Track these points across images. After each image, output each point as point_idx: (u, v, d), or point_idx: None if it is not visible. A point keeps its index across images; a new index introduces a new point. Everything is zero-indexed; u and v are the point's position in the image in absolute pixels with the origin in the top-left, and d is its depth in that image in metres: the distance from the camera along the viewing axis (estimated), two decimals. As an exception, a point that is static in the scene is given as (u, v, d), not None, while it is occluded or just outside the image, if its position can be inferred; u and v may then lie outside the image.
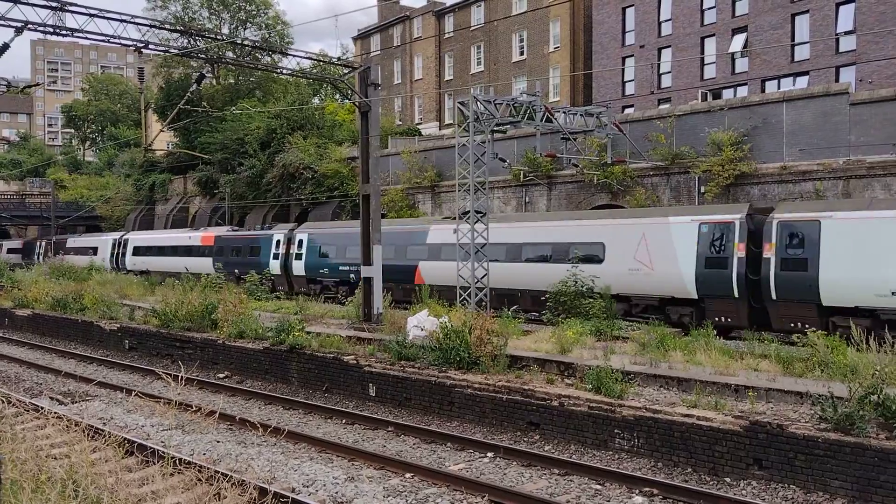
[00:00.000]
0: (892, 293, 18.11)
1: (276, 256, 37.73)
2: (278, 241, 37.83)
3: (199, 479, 8.77)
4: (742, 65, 42.18)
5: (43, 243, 68.12)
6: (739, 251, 20.85)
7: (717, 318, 20.53)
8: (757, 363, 14.98)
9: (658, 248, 22.51)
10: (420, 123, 62.16)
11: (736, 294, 20.80)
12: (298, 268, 36.22)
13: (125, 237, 54.12)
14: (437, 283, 27.06)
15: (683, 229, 22.20)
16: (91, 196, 73.60)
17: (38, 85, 52.40)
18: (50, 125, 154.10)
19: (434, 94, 62.47)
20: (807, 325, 14.78)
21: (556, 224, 25.96)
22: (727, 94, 41.15)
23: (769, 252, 20.32)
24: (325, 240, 35.10)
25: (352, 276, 31.70)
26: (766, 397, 13.18)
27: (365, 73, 23.61)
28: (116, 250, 53.54)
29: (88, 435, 9.86)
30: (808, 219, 19.99)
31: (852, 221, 19.27)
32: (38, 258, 65.31)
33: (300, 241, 36.48)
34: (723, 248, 21.24)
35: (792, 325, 19.31)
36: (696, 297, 21.70)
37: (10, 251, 72.80)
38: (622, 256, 23.21)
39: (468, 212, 24.29)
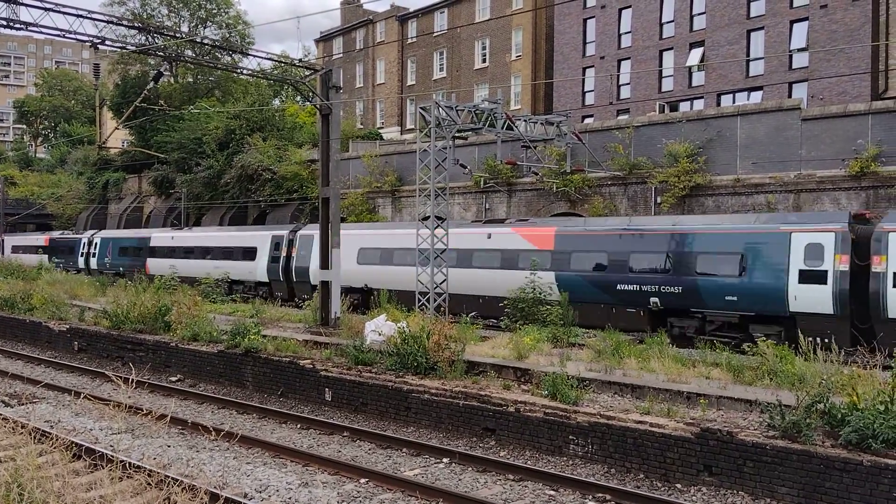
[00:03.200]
0: None
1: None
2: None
3: (149, 484, 8.61)
4: (699, 78, 43.01)
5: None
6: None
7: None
8: (709, 371, 15.24)
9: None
10: (382, 127, 62.06)
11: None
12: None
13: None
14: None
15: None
16: (42, 194, 71.84)
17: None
18: (1, 120, 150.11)
19: (396, 98, 62.43)
20: None
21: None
22: (684, 106, 41.91)
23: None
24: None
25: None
26: (717, 405, 13.43)
27: (327, 75, 23.50)
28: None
29: (35, 438, 9.61)
30: None
31: None
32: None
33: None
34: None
35: None
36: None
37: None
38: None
39: (427, 217, 24.31)
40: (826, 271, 19.02)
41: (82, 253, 49.49)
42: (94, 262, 48.00)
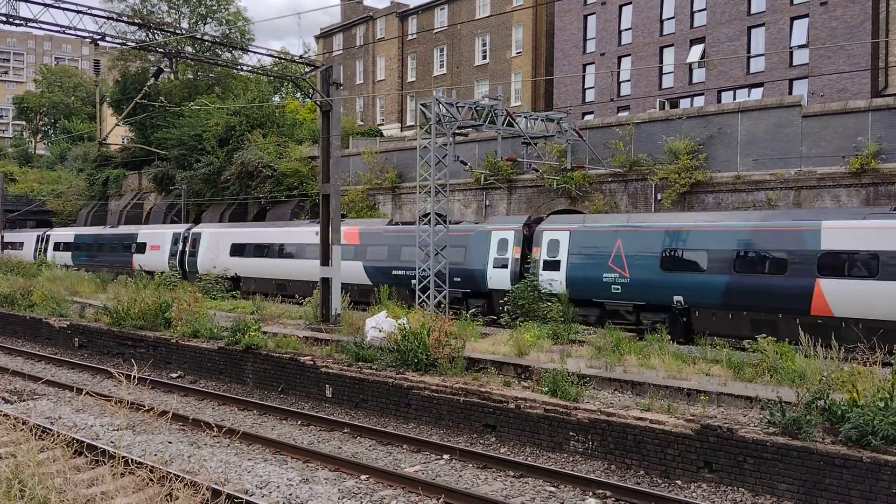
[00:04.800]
0: None
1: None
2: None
3: (151, 480, 8.61)
4: (699, 75, 42.96)
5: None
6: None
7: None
8: (709, 368, 15.26)
9: None
10: (382, 124, 62.00)
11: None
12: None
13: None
14: None
15: None
16: (42, 190, 71.82)
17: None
18: (0, 116, 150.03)
19: (396, 95, 62.38)
20: None
21: None
22: (684, 103, 41.87)
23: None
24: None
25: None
26: (718, 401, 13.44)
27: (327, 72, 23.49)
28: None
29: (36, 434, 9.62)
30: None
31: None
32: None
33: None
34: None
35: None
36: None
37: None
38: None
39: (428, 214, 24.29)
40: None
41: (503, 262, 25.71)
42: (561, 282, 23.61)
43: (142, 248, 43.50)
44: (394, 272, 27.95)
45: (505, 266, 25.45)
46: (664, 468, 11.97)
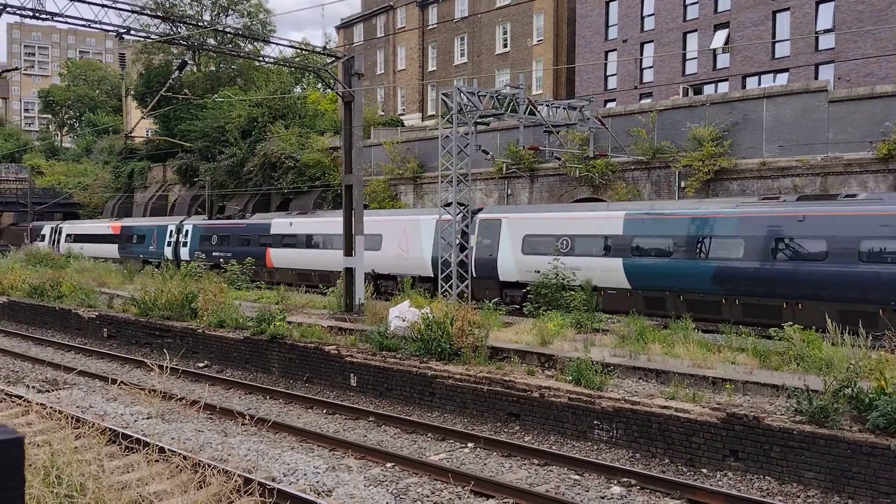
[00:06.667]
0: None
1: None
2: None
3: (184, 467, 8.79)
4: (723, 61, 42.52)
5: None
6: None
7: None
8: (734, 356, 15.18)
9: None
10: (403, 114, 62.05)
11: None
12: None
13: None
14: None
15: None
16: (69, 183, 72.81)
17: (15, 69, 51.60)
18: (27, 110, 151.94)
19: (417, 84, 62.36)
20: None
21: None
22: (708, 89, 41.47)
23: None
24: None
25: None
26: (743, 390, 13.39)
27: (349, 62, 23.55)
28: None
29: (71, 423, 9.83)
30: None
31: None
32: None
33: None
34: None
35: None
36: None
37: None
38: None
39: (450, 203, 24.34)
40: None
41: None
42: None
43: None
44: None
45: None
46: (689, 456, 11.96)
